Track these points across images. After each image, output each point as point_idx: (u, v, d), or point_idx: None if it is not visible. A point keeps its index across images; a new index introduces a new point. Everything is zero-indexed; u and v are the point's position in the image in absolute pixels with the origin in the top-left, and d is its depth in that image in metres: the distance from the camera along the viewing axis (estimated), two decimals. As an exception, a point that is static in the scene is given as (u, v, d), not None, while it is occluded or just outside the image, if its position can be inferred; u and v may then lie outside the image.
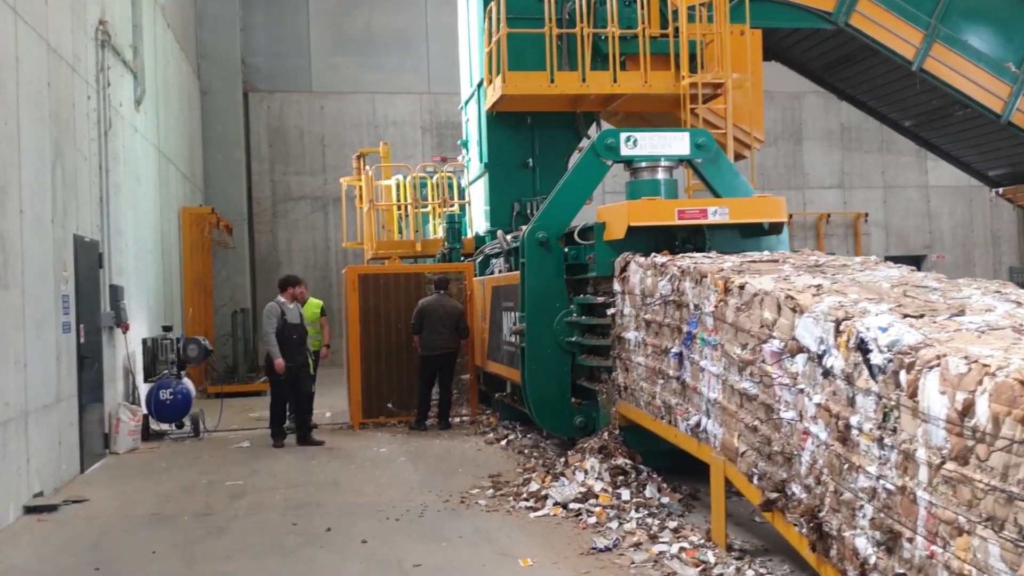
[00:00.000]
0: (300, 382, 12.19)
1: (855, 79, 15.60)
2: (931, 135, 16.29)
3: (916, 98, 15.09)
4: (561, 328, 9.54)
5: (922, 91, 14.77)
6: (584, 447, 8.86)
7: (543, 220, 9.58)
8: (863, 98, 16.12)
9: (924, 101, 15.13)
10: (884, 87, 15.32)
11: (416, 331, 12.87)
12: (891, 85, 15.12)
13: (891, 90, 15.30)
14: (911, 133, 16.53)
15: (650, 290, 7.93)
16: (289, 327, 12.02)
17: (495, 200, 15.06)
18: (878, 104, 16.09)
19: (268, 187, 24.20)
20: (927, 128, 16.11)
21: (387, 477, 9.96)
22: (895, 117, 16.22)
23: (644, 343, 8.14)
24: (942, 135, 16.15)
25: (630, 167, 9.85)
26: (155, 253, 15.79)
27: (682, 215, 8.53)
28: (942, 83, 14.77)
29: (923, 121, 15.90)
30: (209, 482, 10.06)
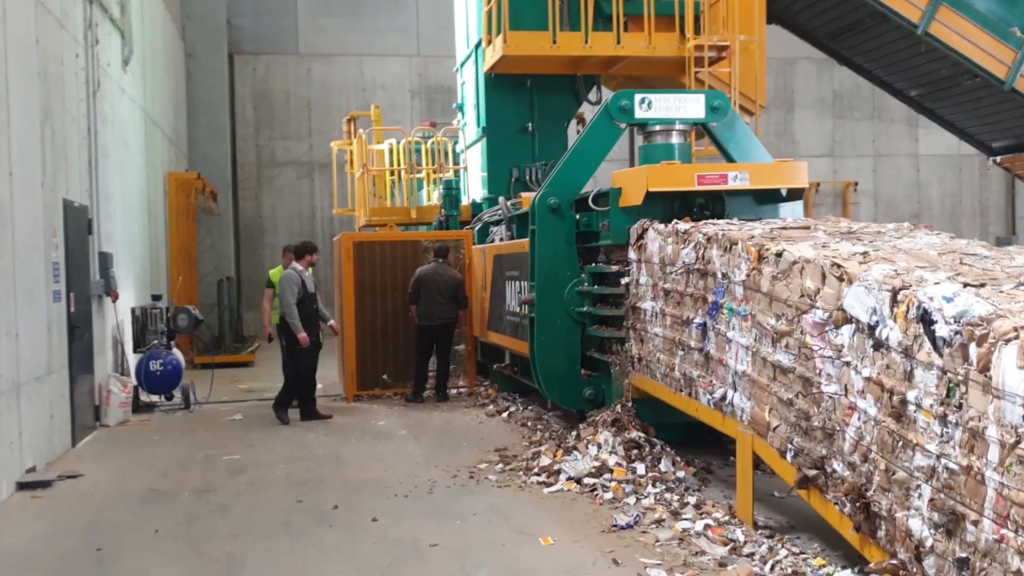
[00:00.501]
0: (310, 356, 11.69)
1: (862, 47, 15.27)
2: (937, 105, 16.01)
3: (924, 67, 14.78)
4: (572, 298, 9.25)
5: (930, 60, 14.46)
6: (596, 420, 8.59)
7: (554, 185, 9.26)
8: (869, 66, 15.80)
9: (933, 70, 14.83)
10: (891, 55, 15.00)
11: (413, 301, 12.53)
12: (898, 54, 14.80)
13: (898, 59, 14.98)
14: (916, 103, 16.24)
15: (671, 258, 7.64)
16: (309, 296, 11.63)
17: (493, 166, 14.73)
18: (884, 73, 15.79)
19: (253, 152, 23.71)
20: (933, 98, 15.82)
21: (390, 451, 9.68)
22: (901, 87, 15.93)
23: (662, 313, 7.86)
24: (948, 105, 15.87)
25: (643, 131, 9.53)
26: (142, 220, 15.37)
27: (702, 180, 8.22)
28: (947, 47, 14.46)
29: (930, 91, 15.60)
30: (205, 456, 9.75)
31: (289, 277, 11.50)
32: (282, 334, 11.76)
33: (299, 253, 11.81)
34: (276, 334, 12.27)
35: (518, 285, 10.96)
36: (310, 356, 11.59)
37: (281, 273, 12.24)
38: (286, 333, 11.57)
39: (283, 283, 11.57)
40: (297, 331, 11.35)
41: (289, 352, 11.66)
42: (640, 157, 9.58)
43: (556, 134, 15.01)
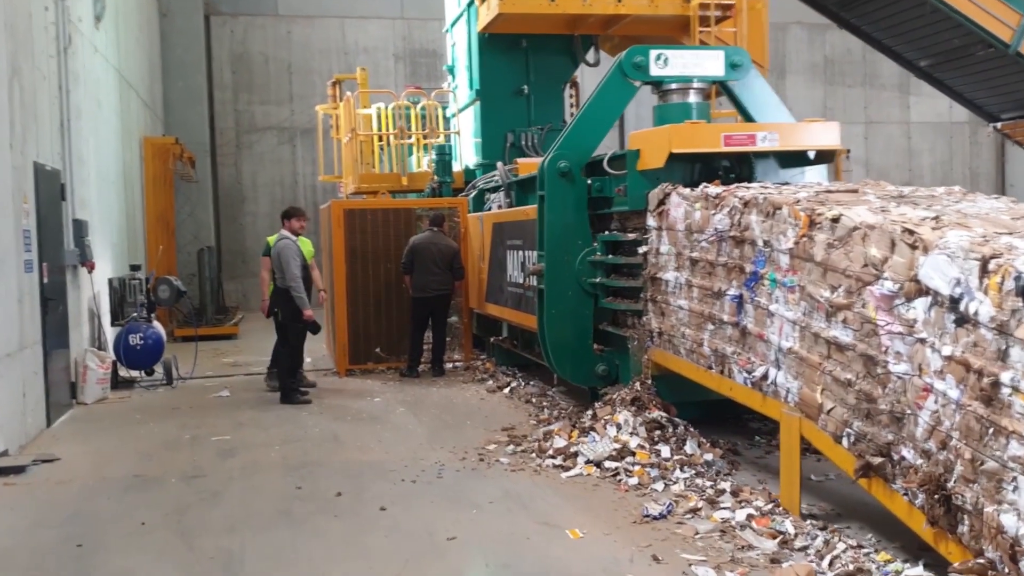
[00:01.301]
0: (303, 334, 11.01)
1: (873, 15, 14.72)
2: (947, 76, 15.53)
3: (936, 36, 14.30)
4: (583, 268, 8.67)
5: (943, 29, 13.98)
6: (614, 398, 8.04)
7: (564, 148, 8.65)
8: (879, 36, 15.26)
9: (945, 40, 14.34)
10: (902, 24, 14.49)
11: (407, 271, 11.92)
12: (910, 23, 14.30)
13: (909, 28, 14.47)
14: (925, 73, 15.75)
15: (699, 225, 7.07)
16: (305, 268, 11.00)
17: (487, 130, 14.12)
18: (894, 43, 15.26)
19: (232, 117, 22.90)
20: (943, 68, 15.33)
21: (389, 431, 9.10)
22: (911, 57, 15.41)
23: (688, 284, 7.30)
24: (959, 76, 15.40)
25: (658, 90, 8.93)
26: (118, 186, 14.66)
27: (729, 141, 7.64)
28: (952, 10, 13.94)
29: (941, 61, 15.12)
30: (192, 437, 9.14)
31: (289, 247, 10.75)
32: (280, 308, 10.86)
33: (285, 216, 11.12)
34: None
35: (521, 255, 10.37)
36: (303, 334, 10.95)
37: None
38: (285, 307, 10.77)
39: (284, 254, 10.68)
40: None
41: (289, 329, 10.86)
42: (655, 118, 8.98)
43: (553, 97, 14.41)
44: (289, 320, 10.78)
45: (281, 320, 10.83)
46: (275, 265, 10.76)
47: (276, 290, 10.82)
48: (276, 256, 10.72)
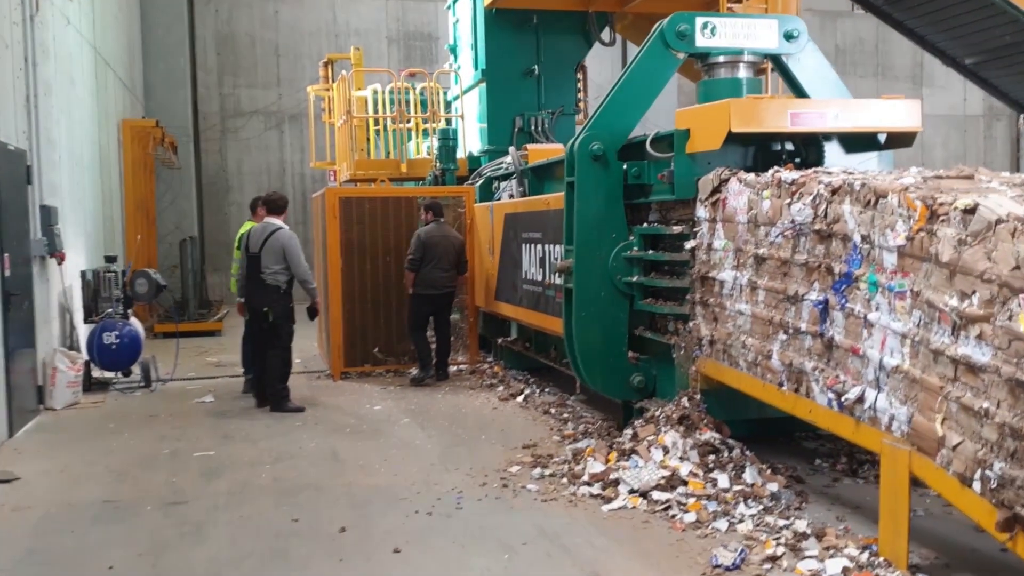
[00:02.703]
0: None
1: (919, 9, 13.71)
2: (993, 74, 14.59)
3: (986, 33, 13.32)
4: (618, 265, 7.63)
5: (996, 25, 13.00)
6: (657, 416, 7.02)
7: (598, 128, 7.61)
8: (923, 31, 14.25)
9: (996, 36, 13.35)
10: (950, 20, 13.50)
11: (415, 267, 10.77)
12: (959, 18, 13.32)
13: (957, 23, 13.48)
14: (969, 71, 14.77)
15: (768, 217, 6.04)
16: None
17: (494, 114, 13.11)
18: (939, 39, 14.26)
19: (216, 101, 21.76)
20: (990, 67, 14.38)
21: (395, 447, 8.06)
22: (955, 54, 14.43)
23: (751, 286, 6.27)
24: (1006, 74, 14.44)
25: (703, 63, 7.90)
26: (93, 171, 13.53)
27: (796, 119, 6.61)
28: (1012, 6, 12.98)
29: (989, 59, 14.16)
30: (172, 452, 8.07)
31: (295, 237, 9.75)
32: (271, 306, 9.63)
33: (275, 207, 9.87)
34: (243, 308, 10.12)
35: (539, 249, 9.34)
36: (292, 335, 9.92)
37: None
38: (277, 305, 9.63)
39: (292, 244, 9.58)
40: (315, 296, 9.88)
41: (282, 329, 9.72)
42: (699, 95, 7.95)
43: (564, 79, 13.41)
44: (283, 320, 9.70)
45: (273, 320, 9.68)
46: (273, 258, 9.53)
47: (264, 286, 9.60)
48: (281, 248, 9.55)
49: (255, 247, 9.60)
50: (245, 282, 9.73)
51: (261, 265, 9.54)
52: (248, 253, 9.63)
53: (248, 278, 9.65)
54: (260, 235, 9.65)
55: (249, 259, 9.61)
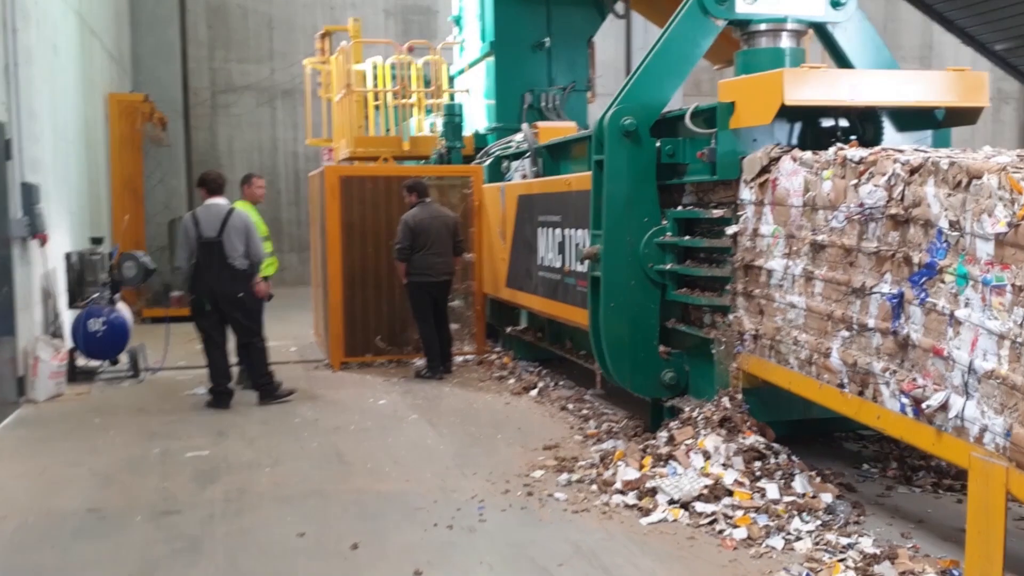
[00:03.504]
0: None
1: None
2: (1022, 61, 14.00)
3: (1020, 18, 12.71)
4: (650, 251, 7.02)
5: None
6: (694, 417, 6.42)
7: (629, 101, 6.98)
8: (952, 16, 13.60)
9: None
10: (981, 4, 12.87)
11: (404, 256, 9.98)
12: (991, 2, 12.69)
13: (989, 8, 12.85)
14: (999, 58, 14.16)
15: (829, 199, 5.43)
16: None
17: (502, 89, 12.47)
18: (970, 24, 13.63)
19: (207, 76, 20.97)
20: (1021, 52, 13.76)
21: (405, 447, 7.44)
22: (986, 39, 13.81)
23: (807, 276, 5.67)
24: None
25: (743, 32, 7.28)
26: (78, 146, 12.85)
27: (855, 91, 5.98)
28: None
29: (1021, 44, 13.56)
30: (163, 451, 7.45)
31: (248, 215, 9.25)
32: (245, 291, 9.01)
33: (218, 187, 9.17)
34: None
35: (558, 234, 8.71)
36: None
37: (245, 208, 9.79)
38: (247, 288, 9.01)
39: (251, 222, 9.08)
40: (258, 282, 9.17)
41: (254, 311, 9.15)
42: (737, 66, 7.33)
43: (576, 53, 12.79)
44: (256, 305, 9.11)
45: (247, 307, 8.98)
46: (238, 241, 8.86)
47: (234, 272, 8.87)
48: (244, 228, 8.93)
49: (213, 231, 8.80)
50: (201, 272, 8.81)
51: (226, 250, 8.81)
52: (202, 239, 8.78)
53: (209, 266, 8.78)
54: (215, 218, 8.84)
55: (209, 245, 8.78)
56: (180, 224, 9.07)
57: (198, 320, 8.98)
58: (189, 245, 8.82)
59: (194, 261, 8.82)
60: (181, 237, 8.94)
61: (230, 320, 8.98)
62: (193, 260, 8.82)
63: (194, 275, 8.87)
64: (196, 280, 8.87)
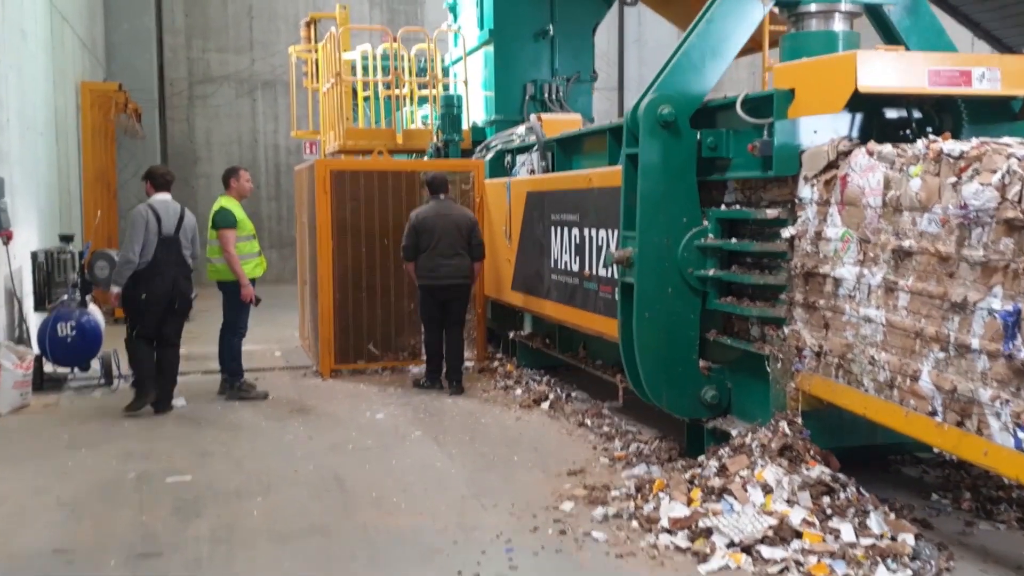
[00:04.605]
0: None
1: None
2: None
3: None
4: (690, 255, 6.27)
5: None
6: (749, 444, 5.68)
7: (667, 88, 6.24)
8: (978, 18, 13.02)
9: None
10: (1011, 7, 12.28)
11: (411, 256, 9.17)
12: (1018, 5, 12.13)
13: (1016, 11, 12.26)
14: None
15: (919, 199, 4.71)
16: None
17: (502, 80, 11.74)
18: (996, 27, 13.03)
19: (184, 66, 20.12)
20: None
21: (411, 471, 6.67)
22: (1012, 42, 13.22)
23: (888, 287, 4.94)
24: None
25: (791, 13, 6.57)
26: (48, 137, 11.99)
27: (935, 78, 5.27)
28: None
29: None
30: (140, 475, 6.64)
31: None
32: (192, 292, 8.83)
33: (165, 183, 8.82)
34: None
35: (575, 234, 7.97)
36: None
37: (231, 204, 9.13)
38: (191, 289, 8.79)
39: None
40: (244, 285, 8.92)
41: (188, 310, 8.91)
42: (782, 51, 6.62)
43: (581, 42, 12.10)
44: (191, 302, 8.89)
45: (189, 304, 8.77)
46: (190, 238, 8.66)
47: (189, 270, 8.68)
48: (195, 228, 8.78)
49: (171, 228, 8.44)
50: (160, 269, 8.38)
51: (182, 247, 8.53)
52: (162, 236, 8.38)
53: (169, 263, 8.43)
54: (173, 215, 8.52)
55: (169, 242, 8.43)
56: (133, 216, 8.49)
57: (141, 319, 8.49)
58: (146, 239, 8.33)
59: (147, 259, 8.33)
60: (138, 230, 8.35)
61: (172, 319, 8.60)
62: (147, 257, 8.33)
63: (149, 273, 8.37)
64: (151, 278, 8.38)
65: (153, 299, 8.39)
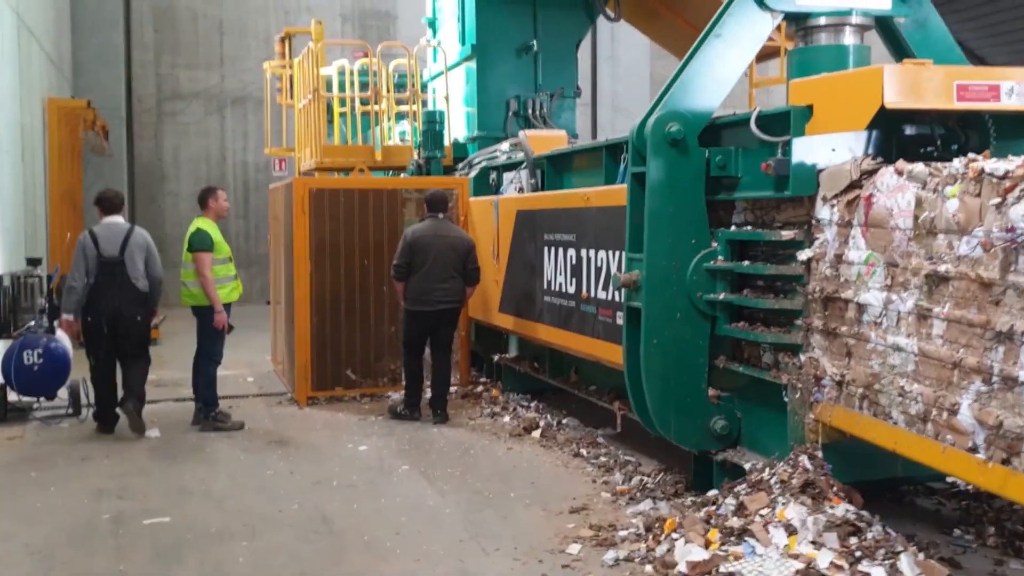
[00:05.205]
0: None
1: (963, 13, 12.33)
2: None
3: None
4: (699, 279, 5.96)
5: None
6: (767, 480, 5.36)
7: (675, 104, 5.93)
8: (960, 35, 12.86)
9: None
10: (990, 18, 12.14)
11: (402, 275, 8.76)
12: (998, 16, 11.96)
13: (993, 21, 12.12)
14: None
15: (957, 222, 4.41)
16: None
17: (485, 96, 11.45)
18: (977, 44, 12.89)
19: (152, 82, 19.61)
20: None
21: (402, 510, 6.30)
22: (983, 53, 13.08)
23: (920, 314, 4.64)
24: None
25: (799, 27, 6.31)
26: (13, 156, 11.53)
27: (963, 93, 5.00)
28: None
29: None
30: (115, 517, 6.22)
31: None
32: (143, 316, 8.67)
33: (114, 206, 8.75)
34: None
35: (571, 255, 7.64)
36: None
37: (207, 226, 8.77)
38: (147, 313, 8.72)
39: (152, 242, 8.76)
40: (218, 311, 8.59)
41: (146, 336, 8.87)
42: (790, 66, 6.36)
43: (564, 57, 11.85)
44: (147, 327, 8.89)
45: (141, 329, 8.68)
46: (140, 261, 8.51)
47: (137, 293, 8.50)
48: (146, 247, 8.62)
49: (114, 250, 8.39)
50: (102, 293, 8.35)
51: (128, 270, 8.40)
52: (102, 259, 8.34)
53: (111, 287, 8.35)
54: (116, 237, 8.45)
55: (111, 265, 8.36)
56: (77, 242, 8.53)
57: (93, 345, 8.53)
58: (86, 264, 8.36)
59: (91, 282, 8.34)
60: (77, 256, 8.45)
61: (120, 342, 8.50)
62: (90, 281, 8.35)
63: (91, 297, 8.38)
64: (94, 302, 8.39)
65: (96, 323, 8.41)
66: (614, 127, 20.16)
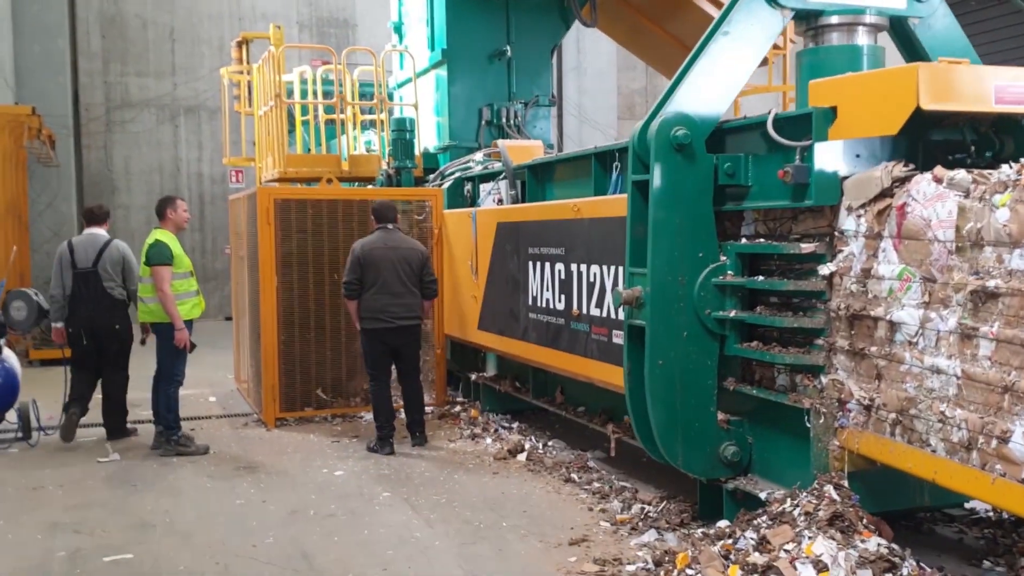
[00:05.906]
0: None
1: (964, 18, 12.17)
2: None
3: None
4: (708, 295, 5.57)
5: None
6: (790, 512, 4.97)
7: (680, 107, 5.54)
8: None
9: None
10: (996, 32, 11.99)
11: (353, 294, 8.14)
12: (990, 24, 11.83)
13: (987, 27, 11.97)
14: None
15: (1008, 233, 4.07)
16: None
17: (456, 103, 11.04)
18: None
19: (101, 91, 18.95)
20: None
21: (389, 543, 5.83)
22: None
23: (965, 333, 4.28)
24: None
25: (808, 27, 5.97)
26: (-45, 164, 10.89)
27: (1001, 94, 4.67)
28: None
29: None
30: (71, 555, 5.69)
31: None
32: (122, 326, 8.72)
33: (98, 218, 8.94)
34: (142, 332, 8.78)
35: (559, 270, 7.23)
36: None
37: (166, 238, 8.29)
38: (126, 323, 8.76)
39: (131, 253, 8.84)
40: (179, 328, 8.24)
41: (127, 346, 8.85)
42: (799, 68, 6.01)
43: (539, 63, 11.43)
44: (128, 337, 8.80)
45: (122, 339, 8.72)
46: (114, 271, 8.61)
47: (114, 302, 8.61)
48: (122, 259, 8.68)
49: (87, 262, 8.51)
50: (77, 303, 8.50)
51: (103, 280, 8.50)
52: (76, 269, 8.49)
53: (86, 297, 8.49)
54: (91, 248, 8.58)
55: (85, 275, 8.49)
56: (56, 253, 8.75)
57: (75, 355, 8.64)
58: (62, 275, 8.53)
59: (68, 292, 8.50)
60: (54, 266, 8.65)
61: (103, 353, 8.62)
62: (68, 291, 8.50)
63: (70, 307, 8.51)
64: (72, 311, 8.52)
65: (75, 332, 8.52)
66: (580, 138, 19.85)
